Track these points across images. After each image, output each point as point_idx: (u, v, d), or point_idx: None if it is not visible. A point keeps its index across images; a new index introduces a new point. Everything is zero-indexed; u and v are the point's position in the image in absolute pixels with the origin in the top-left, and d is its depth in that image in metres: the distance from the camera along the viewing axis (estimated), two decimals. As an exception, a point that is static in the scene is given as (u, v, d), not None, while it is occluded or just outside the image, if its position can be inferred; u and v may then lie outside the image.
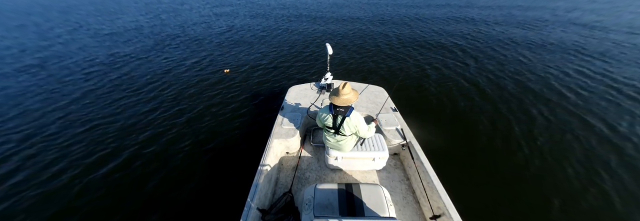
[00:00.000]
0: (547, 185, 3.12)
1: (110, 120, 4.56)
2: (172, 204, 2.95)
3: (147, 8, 17.40)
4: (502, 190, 3.05)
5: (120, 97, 5.39)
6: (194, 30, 11.05)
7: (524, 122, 4.32)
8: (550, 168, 3.37)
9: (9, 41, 9.80)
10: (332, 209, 1.92)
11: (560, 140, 3.90)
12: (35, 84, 6.06)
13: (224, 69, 6.66)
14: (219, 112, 4.75)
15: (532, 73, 6.25)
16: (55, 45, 9.16)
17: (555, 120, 4.38)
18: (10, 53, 8.38)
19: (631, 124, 4.22)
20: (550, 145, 3.78)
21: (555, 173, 3.30)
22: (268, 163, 2.57)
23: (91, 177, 3.35)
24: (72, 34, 10.85)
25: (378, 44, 8.82)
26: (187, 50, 8.39)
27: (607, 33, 9.64)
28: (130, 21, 13.17)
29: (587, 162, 3.47)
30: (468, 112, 4.63)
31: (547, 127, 4.20)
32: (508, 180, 3.19)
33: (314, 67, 6.80)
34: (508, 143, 3.84)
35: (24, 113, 4.83)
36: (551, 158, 3.54)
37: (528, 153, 3.63)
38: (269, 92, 5.50)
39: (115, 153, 3.78)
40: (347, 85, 2.24)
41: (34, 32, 11.19)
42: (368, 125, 2.46)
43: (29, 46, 9.11)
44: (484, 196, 2.95)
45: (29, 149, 3.87)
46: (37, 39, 10.00)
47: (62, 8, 18.33)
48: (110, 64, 7.27)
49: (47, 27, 12.30)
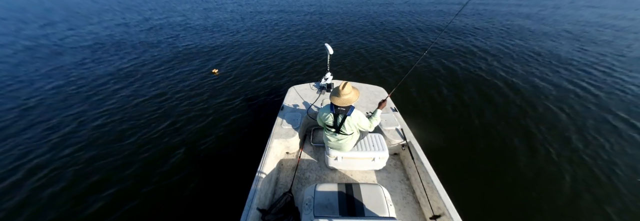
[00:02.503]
0: (547, 185, 3.12)
1: (108, 120, 4.57)
2: (173, 204, 2.95)
3: (128, 8, 17.38)
4: (502, 190, 3.05)
5: (119, 96, 5.39)
6: (193, 30, 11.05)
7: (524, 122, 4.32)
8: (550, 168, 3.37)
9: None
10: (332, 209, 1.92)
11: (561, 139, 3.90)
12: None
13: (212, 69, 6.66)
14: (219, 112, 4.75)
15: (535, 73, 6.25)
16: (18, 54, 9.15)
17: (556, 119, 4.38)
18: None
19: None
20: (552, 145, 3.77)
21: (555, 173, 3.30)
22: (268, 163, 2.57)
23: (92, 177, 3.36)
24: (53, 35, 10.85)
25: (378, 43, 8.82)
26: (187, 50, 8.39)
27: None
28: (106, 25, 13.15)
29: (588, 162, 3.47)
30: (468, 111, 4.63)
31: (548, 126, 4.20)
32: (508, 180, 3.20)
33: (314, 67, 6.80)
34: (508, 142, 3.84)
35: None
36: (552, 158, 3.54)
37: (529, 153, 3.63)
38: (269, 92, 5.50)
39: (114, 153, 3.77)
40: (347, 85, 2.23)
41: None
42: (372, 116, 2.49)
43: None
44: (484, 196, 2.95)
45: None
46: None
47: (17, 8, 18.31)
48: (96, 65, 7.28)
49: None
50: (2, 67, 7.04)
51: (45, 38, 9.94)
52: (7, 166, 3.55)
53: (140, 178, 3.32)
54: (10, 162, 3.62)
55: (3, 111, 4.89)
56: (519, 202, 2.91)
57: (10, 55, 8.01)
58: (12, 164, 3.59)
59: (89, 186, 3.22)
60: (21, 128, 4.38)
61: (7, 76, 6.46)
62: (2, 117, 4.69)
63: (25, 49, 8.67)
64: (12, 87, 5.90)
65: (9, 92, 5.67)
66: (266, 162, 2.54)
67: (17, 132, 4.28)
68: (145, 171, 3.43)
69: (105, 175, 3.39)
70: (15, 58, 7.73)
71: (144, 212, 2.87)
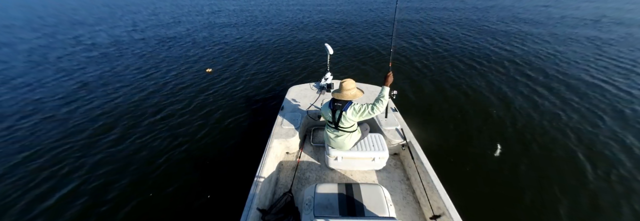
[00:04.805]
0: (547, 185, 3.12)
1: (106, 120, 4.57)
2: (173, 204, 2.95)
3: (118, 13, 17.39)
4: (502, 190, 3.05)
5: (116, 96, 5.39)
6: (194, 30, 11.05)
7: (525, 122, 4.31)
8: (551, 168, 3.36)
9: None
10: (332, 209, 1.92)
11: (562, 139, 3.89)
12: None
13: (206, 68, 6.67)
14: (219, 112, 4.75)
15: (536, 72, 6.25)
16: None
17: (557, 119, 4.38)
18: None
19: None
20: (552, 145, 3.77)
21: (556, 173, 3.30)
22: (268, 164, 2.57)
23: (90, 177, 3.35)
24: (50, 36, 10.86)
25: (379, 43, 8.82)
26: (185, 50, 8.39)
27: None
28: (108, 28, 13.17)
29: (588, 163, 3.46)
30: (468, 111, 4.63)
31: (549, 126, 4.20)
32: (508, 180, 3.19)
33: (313, 67, 6.80)
34: (508, 142, 3.84)
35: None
36: (553, 158, 3.54)
37: (529, 153, 3.62)
38: (269, 92, 5.50)
39: (113, 153, 3.78)
40: (349, 81, 2.29)
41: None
42: (379, 96, 2.24)
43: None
44: (484, 196, 2.95)
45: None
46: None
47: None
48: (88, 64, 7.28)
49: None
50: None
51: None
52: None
53: (140, 179, 3.32)
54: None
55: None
56: (519, 202, 2.91)
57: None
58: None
59: (89, 187, 3.22)
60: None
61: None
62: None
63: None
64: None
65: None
66: (266, 162, 2.54)
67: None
68: (145, 171, 3.43)
69: (106, 175, 3.39)
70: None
71: (144, 212, 2.87)
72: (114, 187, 3.20)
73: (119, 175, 3.39)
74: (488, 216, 2.73)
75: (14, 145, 3.97)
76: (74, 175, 3.40)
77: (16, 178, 3.36)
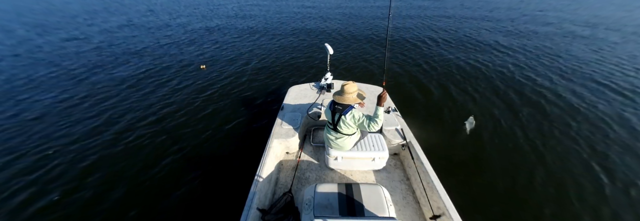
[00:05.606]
0: (548, 185, 3.12)
1: (108, 120, 4.57)
2: (173, 204, 2.95)
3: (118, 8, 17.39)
4: (502, 190, 3.05)
5: (115, 95, 5.39)
6: (194, 30, 11.05)
7: (525, 122, 4.31)
8: (551, 169, 3.36)
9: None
10: (332, 209, 1.92)
11: (562, 139, 3.90)
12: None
13: (200, 65, 6.65)
14: (218, 112, 4.75)
15: (535, 71, 6.25)
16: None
17: (557, 118, 4.38)
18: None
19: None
20: (553, 145, 3.77)
21: (556, 173, 3.30)
22: (268, 163, 2.57)
23: (90, 178, 3.36)
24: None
25: (378, 43, 8.82)
26: (184, 51, 8.39)
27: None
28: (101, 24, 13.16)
29: (589, 163, 3.47)
30: (468, 111, 4.62)
31: (550, 126, 4.20)
32: (508, 180, 3.19)
33: (314, 67, 6.79)
34: (509, 142, 3.84)
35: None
36: (553, 158, 3.54)
37: (529, 153, 3.62)
38: (269, 92, 5.49)
39: (112, 153, 3.77)
40: (351, 85, 2.28)
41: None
42: (374, 116, 2.22)
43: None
44: (485, 197, 2.95)
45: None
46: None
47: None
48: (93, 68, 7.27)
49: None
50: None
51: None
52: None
53: (140, 179, 3.32)
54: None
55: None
56: (519, 202, 2.91)
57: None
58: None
59: (89, 188, 3.22)
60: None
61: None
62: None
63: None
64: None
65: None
66: (266, 162, 2.54)
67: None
68: (145, 171, 3.43)
69: (106, 175, 3.39)
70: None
71: (145, 212, 2.87)
72: (114, 187, 3.20)
73: (119, 175, 3.39)
74: (488, 216, 2.73)
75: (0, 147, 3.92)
76: (73, 174, 3.40)
77: (3, 179, 3.36)
